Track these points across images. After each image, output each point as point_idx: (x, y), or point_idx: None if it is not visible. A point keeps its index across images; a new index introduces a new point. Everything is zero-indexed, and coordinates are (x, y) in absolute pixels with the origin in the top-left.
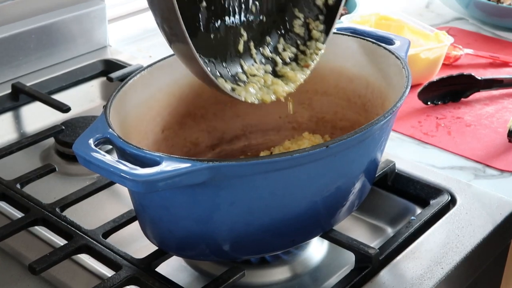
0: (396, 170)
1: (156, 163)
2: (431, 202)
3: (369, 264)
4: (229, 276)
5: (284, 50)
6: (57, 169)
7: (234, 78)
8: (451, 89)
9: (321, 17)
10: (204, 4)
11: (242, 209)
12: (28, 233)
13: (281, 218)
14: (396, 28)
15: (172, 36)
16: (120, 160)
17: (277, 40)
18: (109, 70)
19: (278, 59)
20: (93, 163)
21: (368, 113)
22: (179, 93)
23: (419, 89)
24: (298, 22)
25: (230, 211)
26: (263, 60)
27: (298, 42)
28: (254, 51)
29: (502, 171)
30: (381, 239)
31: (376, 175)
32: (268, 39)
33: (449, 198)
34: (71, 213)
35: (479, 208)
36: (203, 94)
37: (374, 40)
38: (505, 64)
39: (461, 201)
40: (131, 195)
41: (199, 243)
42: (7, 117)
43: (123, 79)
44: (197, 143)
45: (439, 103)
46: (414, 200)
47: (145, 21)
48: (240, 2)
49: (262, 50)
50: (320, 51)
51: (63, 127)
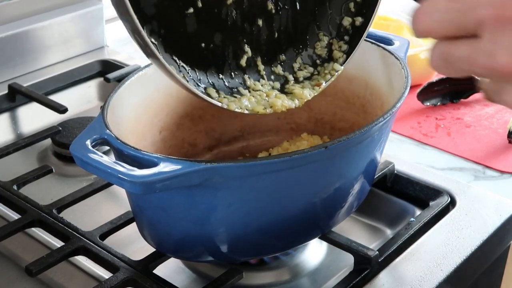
0: (395, 171)
1: (153, 164)
2: (431, 203)
3: (368, 266)
4: (227, 278)
5: (300, 69)
6: (54, 170)
7: (231, 90)
8: (451, 90)
9: (346, 37)
10: (191, 11)
11: (240, 210)
12: (25, 235)
13: (279, 220)
14: (395, 28)
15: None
16: (118, 161)
17: (294, 59)
18: (107, 71)
19: (290, 77)
20: (90, 164)
21: (367, 114)
22: (176, 94)
23: (419, 89)
24: (321, 44)
25: (228, 213)
26: (272, 77)
27: (318, 61)
28: (262, 67)
29: (502, 172)
30: (380, 240)
31: (375, 176)
32: (282, 57)
33: (449, 199)
34: (68, 215)
35: (479, 210)
36: None
37: (373, 41)
38: None
39: (460, 203)
40: (129, 197)
41: (197, 245)
42: (4, 118)
43: (120, 79)
44: (195, 144)
45: (438, 104)
46: (413, 202)
47: None
48: (242, 16)
49: (273, 67)
50: (336, 72)
51: (60, 128)
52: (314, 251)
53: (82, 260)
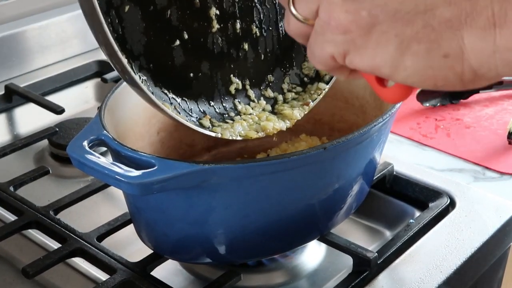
0: (394, 173)
1: (151, 165)
2: (430, 205)
3: (367, 268)
4: (226, 280)
5: (289, 90)
6: (51, 172)
7: (222, 116)
8: (450, 91)
9: None
10: (178, 43)
11: (239, 212)
12: (21, 236)
13: (278, 221)
14: None
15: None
16: (115, 162)
17: (282, 79)
18: (104, 71)
19: (280, 97)
20: (88, 165)
21: (366, 114)
22: None
23: (418, 90)
24: (309, 64)
25: (226, 214)
26: (262, 98)
27: (305, 79)
28: (251, 92)
29: (502, 173)
30: (380, 242)
31: (374, 178)
32: (271, 78)
33: (448, 200)
34: (65, 216)
35: (479, 211)
36: None
37: None
38: None
39: (460, 204)
40: (126, 198)
41: (195, 246)
42: (0, 118)
43: (117, 80)
44: (193, 145)
45: (438, 104)
46: (412, 203)
47: None
48: (227, 42)
49: (262, 90)
50: (322, 91)
51: (57, 129)
52: (313, 253)
53: (79, 262)
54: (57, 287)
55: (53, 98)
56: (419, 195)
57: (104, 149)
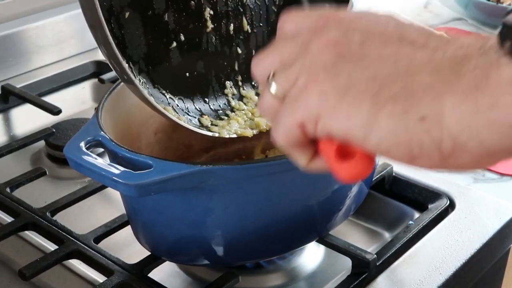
0: (393, 174)
1: (148, 166)
2: (430, 206)
3: (366, 270)
4: (224, 282)
5: None
6: (47, 173)
7: (217, 113)
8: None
9: None
10: (174, 45)
11: (237, 213)
12: (18, 238)
13: (276, 223)
14: None
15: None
16: (112, 164)
17: None
18: (101, 72)
19: None
20: (85, 166)
21: None
22: None
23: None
24: None
25: (224, 215)
26: (254, 94)
27: None
28: (243, 87)
29: (502, 174)
30: (379, 244)
31: (374, 179)
32: None
33: (448, 202)
34: (62, 218)
35: (479, 213)
36: None
37: None
38: None
39: (460, 205)
40: (123, 199)
41: (192, 248)
42: None
43: (115, 80)
44: (191, 146)
45: None
46: (412, 204)
47: None
48: (221, 40)
49: (254, 84)
50: None
51: (54, 130)
52: (311, 255)
53: (76, 264)
54: None
55: (50, 98)
56: (418, 196)
57: (101, 150)
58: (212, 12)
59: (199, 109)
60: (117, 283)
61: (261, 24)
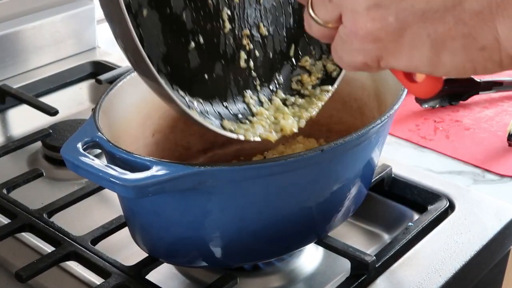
0: (393, 175)
1: (146, 167)
2: (429, 207)
3: (365, 272)
4: (222, 284)
5: (296, 93)
6: (44, 174)
7: (237, 117)
8: (450, 92)
9: None
10: (193, 45)
11: (235, 214)
12: (14, 240)
13: (274, 224)
14: None
15: (146, 79)
16: (109, 165)
17: (290, 77)
18: (98, 72)
19: (290, 99)
20: (82, 167)
21: (364, 116)
22: None
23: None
24: (318, 64)
25: (222, 217)
26: (273, 98)
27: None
28: (262, 92)
29: (502, 176)
30: (378, 245)
31: (373, 180)
32: (280, 79)
33: (448, 203)
34: (59, 219)
35: (478, 214)
36: None
37: None
38: None
39: (459, 207)
40: (121, 201)
41: (190, 250)
42: None
43: (112, 81)
44: (189, 147)
45: (437, 106)
46: (411, 206)
47: None
48: (238, 42)
49: (273, 92)
50: (327, 93)
51: (51, 131)
52: (310, 257)
53: (73, 266)
54: None
55: (47, 99)
56: (418, 197)
57: (99, 151)
58: (229, 12)
59: (218, 113)
60: (114, 285)
61: (277, 27)
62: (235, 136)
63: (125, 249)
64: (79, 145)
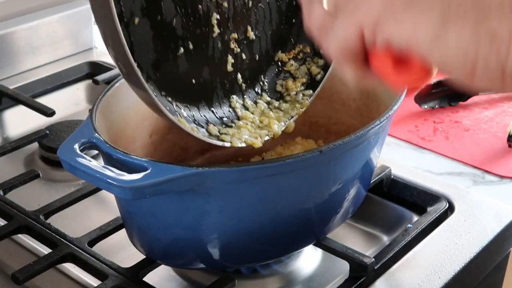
0: (392, 176)
1: (143, 168)
2: (428, 209)
3: (364, 274)
4: (219, 286)
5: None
6: (41, 175)
7: (222, 120)
8: (449, 92)
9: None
10: (182, 51)
11: (233, 216)
12: (11, 241)
13: (272, 226)
14: None
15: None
16: (107, 166)
17: (275, 80)
18: (95, 73)
19: (274, 103)
20: (79, 168)
21: (363, 117)
22: None
23: (416, 92)
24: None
25: (220, 218)
26: (259, 101)
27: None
28: (247, 95)
29: (502, 177)
30: (377, 247)
31: (372, 181)
32: (264, 81)
33: (447, 205)
34: (55, 221)
35: (478, 216)
36: None
37: None
38: None
39: (459, 208)
40: (118, 202)
41: (188, 252)
42: None
43: (109, 82)
44: (186, 148)
45: (436, 106)
46: (410, 207)
47: None
48: (226, 46)
49: (258, 98)
50: (309, 98)
51: (48, 132)
52: (309, 258)
53: (70, 268)
54: None
55: (44, 100)
56: (417, 199)
57: (96, 152)
58: (218, 17)
59: (204, 117)
60: (111, 287)
61: (265, 30)
62: (220, 143)
63: (123, 251)
64: (76, 146)
